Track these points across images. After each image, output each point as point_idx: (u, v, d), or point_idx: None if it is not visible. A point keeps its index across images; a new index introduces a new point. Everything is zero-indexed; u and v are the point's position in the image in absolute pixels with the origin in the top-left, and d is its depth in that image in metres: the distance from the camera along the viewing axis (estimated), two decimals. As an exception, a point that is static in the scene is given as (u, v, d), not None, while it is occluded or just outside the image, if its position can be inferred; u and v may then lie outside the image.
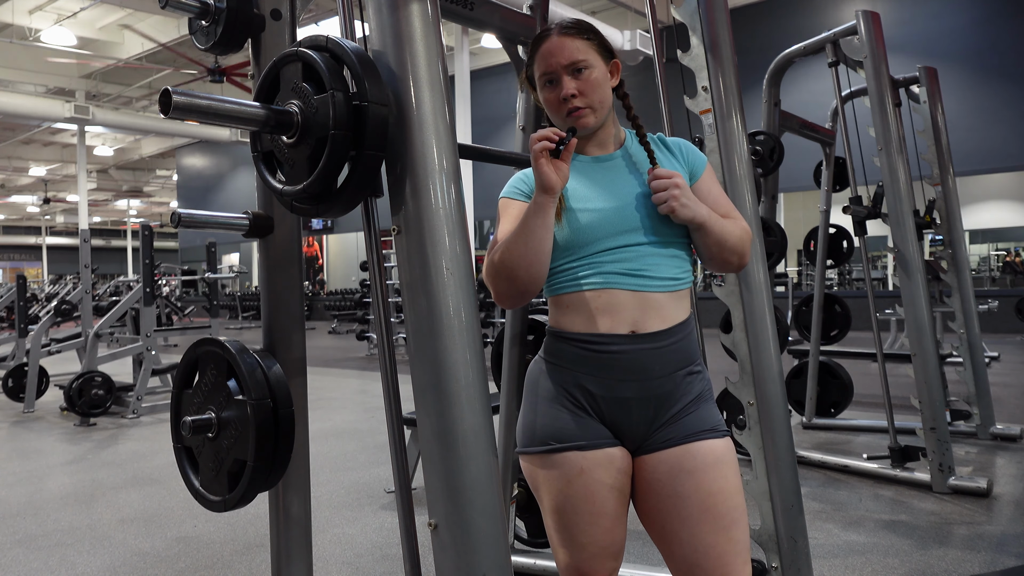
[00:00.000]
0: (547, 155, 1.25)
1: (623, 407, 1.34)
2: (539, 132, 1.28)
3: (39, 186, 28.27)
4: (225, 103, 1.15)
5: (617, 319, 1.32)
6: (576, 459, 1.34)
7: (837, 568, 2.69)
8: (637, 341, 1.32)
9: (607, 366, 1.33)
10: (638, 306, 1.33)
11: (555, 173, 1.26)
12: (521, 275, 1.29)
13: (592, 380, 1.34)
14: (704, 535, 1.30)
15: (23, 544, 3.16)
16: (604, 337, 1.33)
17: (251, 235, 1.46)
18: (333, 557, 2.92)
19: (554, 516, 1.38)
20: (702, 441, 1.33)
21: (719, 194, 1.44)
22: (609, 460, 1.34)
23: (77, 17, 13.85)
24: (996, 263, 16.65)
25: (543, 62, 1.37)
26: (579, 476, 1.33)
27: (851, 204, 3.84)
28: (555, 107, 1.37)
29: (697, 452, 1.32)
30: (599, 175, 1.40)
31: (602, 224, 1.34)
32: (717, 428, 1.37)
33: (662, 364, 1.33)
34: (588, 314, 1.34)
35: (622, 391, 1.33)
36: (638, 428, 1.35)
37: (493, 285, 1.32)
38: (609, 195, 1.36)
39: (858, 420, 4.90)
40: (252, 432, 1.29)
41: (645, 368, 1.33)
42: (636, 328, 1.32)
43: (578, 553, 1.37)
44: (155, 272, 6.47)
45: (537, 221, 1.27)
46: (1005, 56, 11.82)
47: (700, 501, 1.30)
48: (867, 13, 3.66)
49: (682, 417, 1.35)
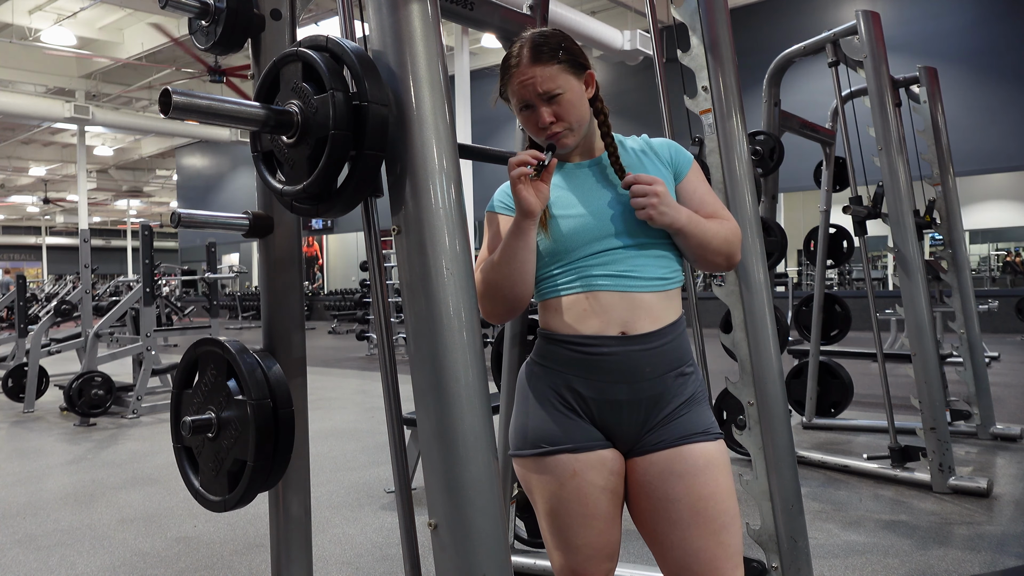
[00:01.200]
0: (526, 180, 1.27)
1: (614, 409, 1.34)
2: (517, 156, 1.29)
3: (39, 186, 28.28)
4: (225, 103, 1.14)
5: (606, 320, 1.33)
6: (568, 461, 1.34)
7: (837, 568, 2.69)
8: (627, 343, 1.32)
9: (597, 368, 1.33)
10: (627, 307, 1.33)
11: (534, 196, 1.27)
12: (506, 295, 1.33)
13: (582, 382, 1.34)
14: (694, 539, 1.30)
15: (23, 544, 3.16)
16: (593, 339, 1.33)
17: (251, 235, 1.45)
18: (333, 557, 2.92)
19: (548, 519, 1.38)
20: (693, 444, 1.33)
21: (704, 193, 1.44)
22: (601, 462, 1.35)
23: (77, 17, 13.85)
24: (996, 263, 16.66)
25: (516, 93, 1.37)
26: (571, 479, 1.34)
27: (851, 204, 3.84)
28: (534, 130, 1.38)
29: (688, 455, 1.32)
30: (581, 180, 1.41)
31: (584, 230, 1.35)
32: (709, 431, 1.36)
33: (652, 365, 1.33)
34: (577, 316, 1.34)
35: (613, 393, 1.33)
36: (629, 430, 1.35)
37: (480, 305, 1.32)
38: (591, 200, 1.37)
39: (858, 420, 4.90)
40: (252, 432, 1.29)
41: (635, 369, 1.32)
42: (626, 329, 1.32)
43: (573, 555, 1.37)
44: (155, 272, 6.47)
45: (519, 244, 1.30)
46: (1005, 56, 11.82)
47: (691, 505, 1.30)
48: (867, 13, 3.67)
49: (674, 419, 1.34)
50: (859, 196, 3.89)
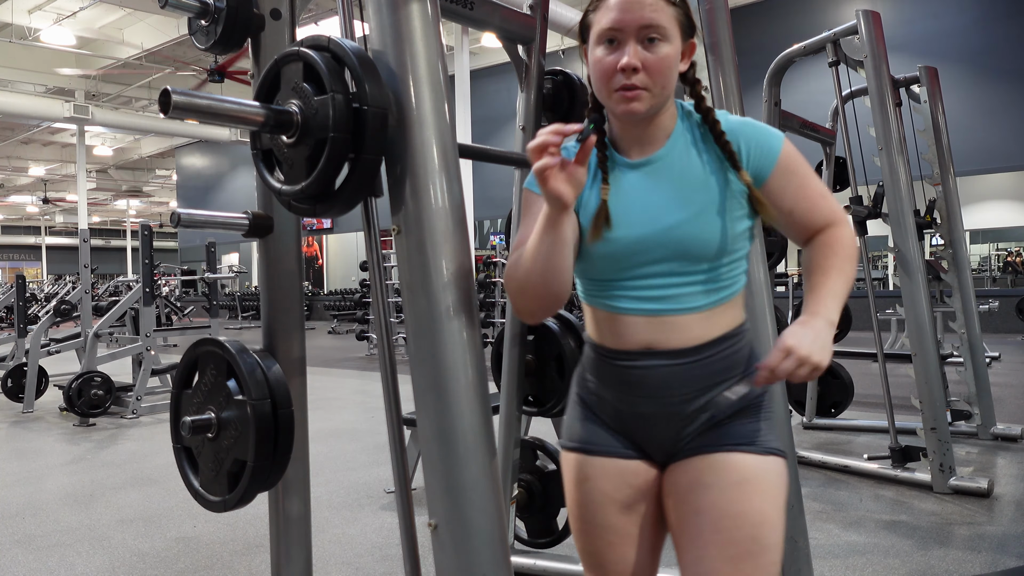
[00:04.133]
0: (554, 171, 1.01)
1: (643, 421, 1.19)
2: (536, 141, 1.01)
3: (39, 186, 28.27)
4: (225, 103, 1.14)
5: (634, 338, 1.16)
6: (582, 463, 1.23)
7: (837, 568, 2.69)
8: (653, 357, 1.15)
9: (623, 380, 1.18)
10: (657, 328, 1.14)
11: (566, 184, 1.02)
12: (539, 292, 1.12)
13: (611, 392, 1.20)
14: (709, 559, 1.11)
15: (23, 544, 3.16)
16: (620, 352, 1.17)
17: (251, 235, 1.45)
18: (333, 557, 2.92)
19: (570, 517, 1.28)
20: (730, 453, 1.14)
21: (797, 187, 1.15)
22: (618, 471, 1.20)
23: (76, 17, 13.84)
24: (997, 263, 16.66)
25: (611, 12, 1.08)
26: (584, 482, 1.22)
27: (851, 204, 3.84)
28: (605, 74, 1.10)
29: (721, 466, 1.14)
30: (635, 185, 1.15)
31: (635, 252, 1.13)
32: (757, 443, 1.15)
33: (684, 381, 1.14)
34: (607, 329, 1.19)
35: (641, 406, 1.18)
36: (664, 440, 1.18)
37: (512, 300, 1.17)
38: (645, 214, 1.13)
39: (858, 420, 4.90)
40: (252, 432, 1.29)
41: (663, 385, 1.15)
42: (652, 345, 1.15)
43: (586, 560, 1.27)
44: (155, 272, 6.46)
45: (550, 238, 1.07)
46: (1005, 56, 11.82)
47: (713, 521, 1.12)
48: (867, 13, 3.66)
49: (717, 427, 1.16)
50: (859, 196, 3.89)
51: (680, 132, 1.16)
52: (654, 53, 1.08)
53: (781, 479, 1.16)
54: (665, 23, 1.08)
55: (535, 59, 2.27)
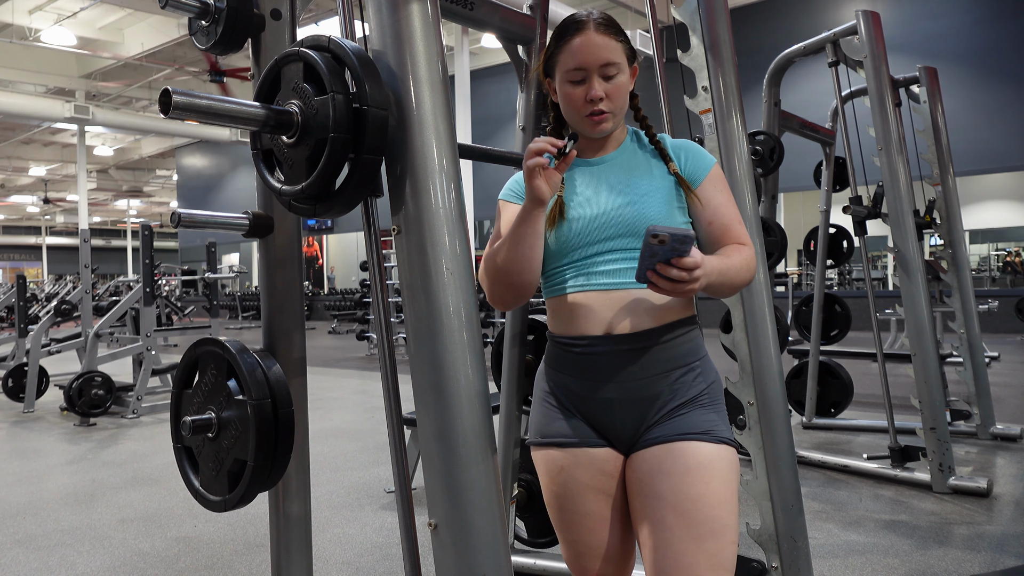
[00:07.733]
0: (540, 170, 1.20)
1: (606, 408, 1.31)
2: (534, 144, 1.21)
3: (39, 186, 28.28)
4: (225, 103, 1.14)
5: (591, 320, 1.30)
6: (556, 456, 1.35)
7: (837, 568, 2.69)
8: (612, 342, 1.29)
9: (585, 367, 1.31)
10: (611, 306, 1.29)
11: (547, 184, 1.22)
12: (513, 280, 1.29)
13: (575, 381, 1.33)
14: (674, 541, 1.22)
15: (23, 544, 3.16)
16: (580, 339, 1.31)
17: (251, 235, 1.46)
18: (333, 557, 2.92)
19: (549, 509, 1.41)
20: (688, 442, 1.26)
21: (720, 204, 1.36)
22: (590, 460, 1.33)
23: (77, 17, 13.85)
24: (996, 263, 16.66)
25: (575, 56, 1.30)
26: (560, 473, 1.35)
27: (851, 204, 3.84)
28: (576, 105, 1.33)
29: (680, 453, 1.25)
30: (590, 179, 1.37)
31: (589, 231, 1.31)
32: (712, 432, 1.28)
33: (643, 366, 1.28)
34: (567, 316, 1.33)
35: (603, 392, 1.30)
36: (625, 428, 1.31)
37: (487, 289, 1.34)
38: (598, 199, 1.33)
39: (858, 420, 4.90)
40: (252, 432, 1.29)
41: (622, 369, 1.28)
42: (610, 329, 1.29)
43: (568, 549, 1.41)
44: (155, 272, 6.47)
45: (526, 230, 1.26)
46: (1005, 56, 11.82)
47: (675, 505, 1.23)
48: (867, 13, 3.67)
49: (673, 417, 1.29)
50: (859, 196, 3.89)
51: (629, 142, 1.42)
52: (612, 84, 1.32)
53: (734, 466, 1.29)
54: (618, 59, 1.31)
55: (535, 59, 2.27)
